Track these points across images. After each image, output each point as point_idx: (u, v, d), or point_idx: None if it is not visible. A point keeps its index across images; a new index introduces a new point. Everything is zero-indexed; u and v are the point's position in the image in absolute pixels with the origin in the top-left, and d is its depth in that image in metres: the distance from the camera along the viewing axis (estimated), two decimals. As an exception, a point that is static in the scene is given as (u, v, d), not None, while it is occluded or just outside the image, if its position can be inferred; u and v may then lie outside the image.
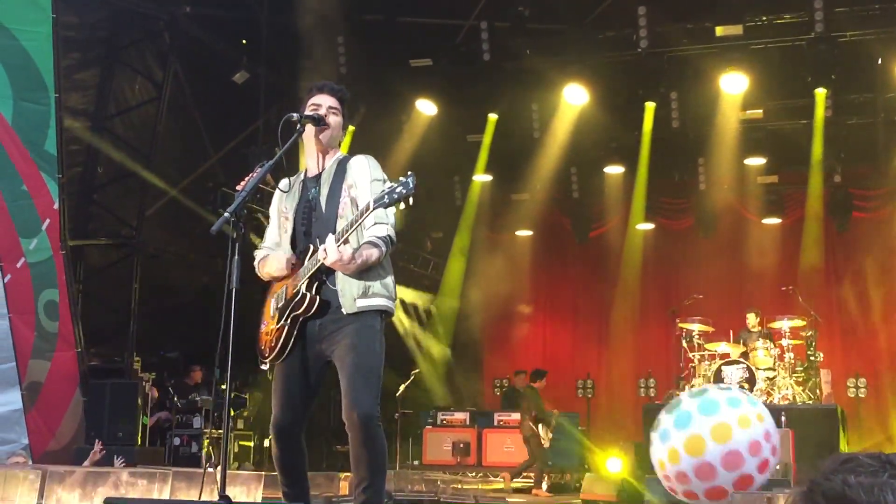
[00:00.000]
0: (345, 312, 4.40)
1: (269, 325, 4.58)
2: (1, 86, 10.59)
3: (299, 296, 4.42)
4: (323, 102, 4.63)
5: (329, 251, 4.17)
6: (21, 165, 10.59)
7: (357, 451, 4.34)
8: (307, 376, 4.52)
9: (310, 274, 4.39)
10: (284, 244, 4.64)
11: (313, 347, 4.49)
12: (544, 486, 12.99)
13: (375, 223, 4.40)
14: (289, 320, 4.45)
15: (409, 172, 4.16)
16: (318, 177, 4.65)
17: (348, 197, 4.51)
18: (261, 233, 4.90)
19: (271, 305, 4.63)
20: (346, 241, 4.25)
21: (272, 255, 4.64)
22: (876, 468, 1.71)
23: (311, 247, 4.46)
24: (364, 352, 4.38)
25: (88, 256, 12.48)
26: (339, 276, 4.42)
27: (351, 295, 4.41)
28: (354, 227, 4.24)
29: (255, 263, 4.73)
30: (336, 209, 4.51)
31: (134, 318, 12.34)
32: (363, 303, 4.42)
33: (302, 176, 4.75)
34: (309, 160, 4.71)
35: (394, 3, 12.87)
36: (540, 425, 13.30)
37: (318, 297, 4.41)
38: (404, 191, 4.09)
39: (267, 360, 4.55)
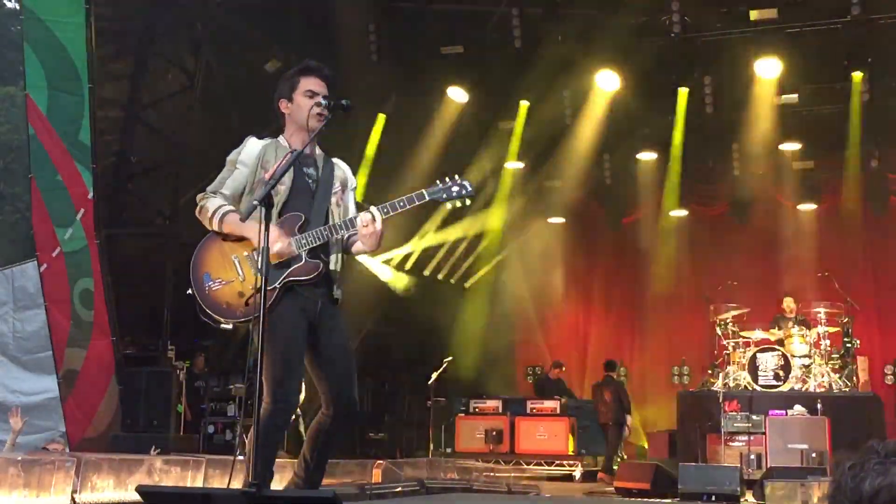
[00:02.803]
0: (334, 296, 4.63)
1: (239, 285, 4.50)
2: (35, 76, 10.70)
3: (303, 262, 4.49)
4: (319, 90, 4.71)
5: (378, 221, 4.40)
6: (56, 155, 10.69)
7: (337, 435, 4.59)
8: (303, 334, 4.56)
9: (315, 245, 4.50)
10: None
11: (308, 321, 4.54)
12: (576, 472, 13.04)
13: (434, 198, 4.55)
14: (282, 283, 4.47)
15: (459, 177, 4.48)
16: (311, 158, 4.76)
17: (339, 191, 4.77)
18: None
19: (236, 263, 4.57)
20: (384, 214, 4.46)
21: (251, 222, 4.42)
22: (875, 455, 1.70)
23: (303, 217, 4.56)
24: (346, 335, 4.71)
25: (123, 245, 12.56)
26: (333, 259, 4.61)
27: (339, 281, 4.66)
28: (401, 209, 4.43)
29: (213, 215, 4.58)
30: (330, 196, 4.71)
31: (167, 306, 12.41)
32: (340, 293, 4.67)
33: (285, 145, 4.74)
34: (296, 135, 4.74)
35: (425, -10, 12.83)
36: (628, 416, 13.54)
37: (323, 266, 4.52)
38: (462, 191, 4.44)
39: (237, 320, 4.54)
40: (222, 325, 4.59)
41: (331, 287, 4.61)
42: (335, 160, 4.89)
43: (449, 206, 4.48)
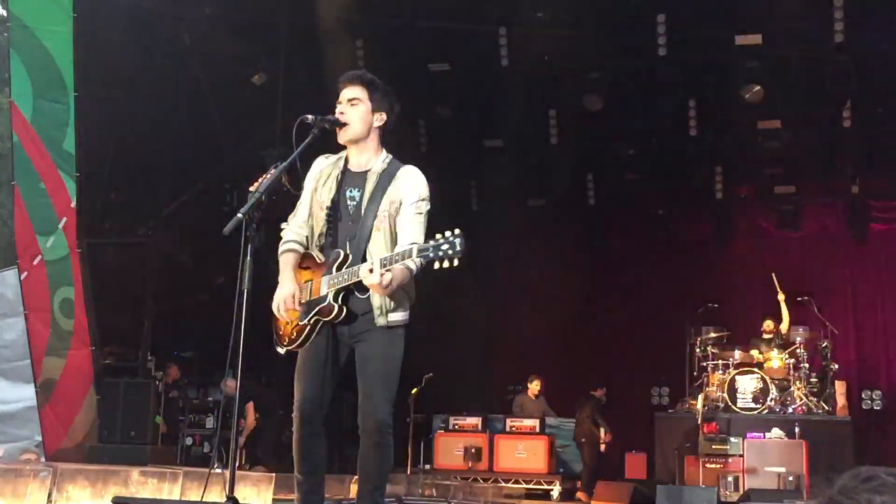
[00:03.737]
0: (377, 325, 4.44)
1: (292, 313, 4.53)
2: (21, 84, 10.67)
3: (326, 303, 4.41)
4: (344, 97, 4.61)
5: (374, 276, 4.17)
6: (39, 164, 10.66)
7: (368, 456, 4.41)
8: (334, 359, 4.53)
9: (341, 286, 4.38)
10: (315, 233, 4.61)
11: (341, 337, 4.52)
12: (554, 491, 13.03)
13: (421, 256, 4.34)
14: (312, 321, 4.45)
15: (456, 231, 4.12)
16: (362, 176, 4.60)
17: (387, 211, 4.49)
18: (273, 233, 4.78)
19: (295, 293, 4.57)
20: (383, 266, 4.23)
21: (289, 271, 4.56)
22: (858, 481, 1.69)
23: (342, 253, 4.45)
24: (389, 361, 4.47)
25: (104, 255, 12.52)
26: (371, 293, 4.44)
27: (385, 308, 4.44)
28: (393, 263, 4.20)
29: (281, 244, 4.64)
30: (373, 220, 4.48)
31: (148, 317, 12.37)
32: (394, 317, 4.46)
33: (342, 165, 4.66)
34: (350, 150, 4.66)
35: (413, 7, 12.88)
36: (601, 434, 13.56)
37: (345, 308, 4.41)
38: (450, 251, 4.07)
39: (285, 347, 4.56)
40: (278, 350, 4.60)
41: (370, 318, 4.47)
42: (403, 170, 4.61)
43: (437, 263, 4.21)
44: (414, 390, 13.05)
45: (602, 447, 13.75)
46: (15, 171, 10.90)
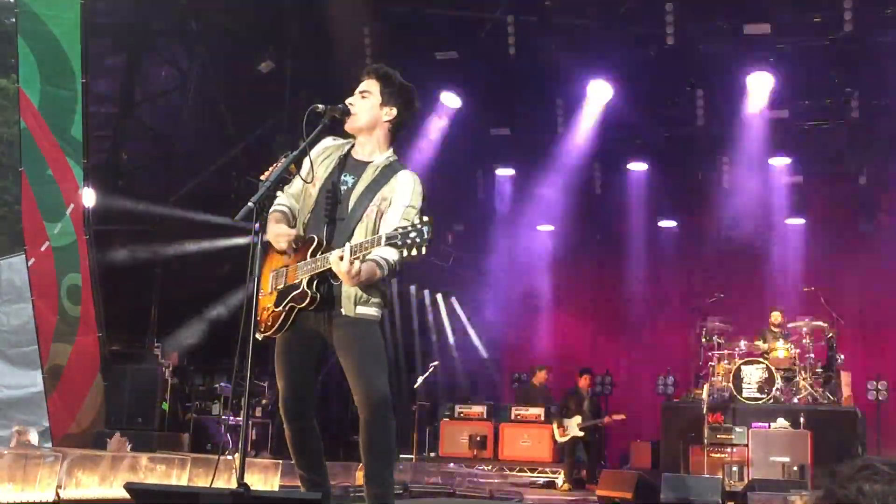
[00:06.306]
0: (343, 313, 4.38)
1: (267, 300, 4.49)
2: (29, 71, 10.67)
3: (300, 290, 4.36)
4: (358, 89, 4.61)
5: (343, 264, 4.10)
6: (47, 150, 10.66)
7: (371, 433, 4.32)
8: (310, 352, 4.50)
9: (315, 272, 4.33)
10: (303, 210, 4.56)
11: (315, 328, 4.45)
12: (559, 479, 13.08)
13: (389, 244, 4.25)
14: (287, 308, 4.41)
15: (425, 219, 4.04)
16: (362, 165, 4.56)
17: (377, 207, 4.42)
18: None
19: (270, 279, 4.54)
20: (353, 254, 4.15)
21: (278, 227, 4.47)
22: (892, 475, 1.70)
23: (316, 239, 4.40)
24: (369, 339, 4.39)
25: (111, 241, 12.55)
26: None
27: (353, 299, 4.37)
28: (363, 251, 4.14)
29: (272, 207, 4.50)
30: (361, 212, 4.42)
31: (155, 304, 12.40)
32: (362, 310, 4.39)
33: (346, 150, 4.63)
34: (357, 141, 4.65)
35: (420, -5, 12.88)
36: (555, 421, 13.52)
37: (318, 296, 4.36)
38: (418, 238, 3.98)
39: (262, 334, 4.47)
40: (256, 336, 4.47)
41: (338, 306, 4.39)
42: (403, 173, 4.51)
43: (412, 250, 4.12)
44: (420, 378, 13.09)
45: (557, 438, 13.62)
46: (22, 157, 10.90)
